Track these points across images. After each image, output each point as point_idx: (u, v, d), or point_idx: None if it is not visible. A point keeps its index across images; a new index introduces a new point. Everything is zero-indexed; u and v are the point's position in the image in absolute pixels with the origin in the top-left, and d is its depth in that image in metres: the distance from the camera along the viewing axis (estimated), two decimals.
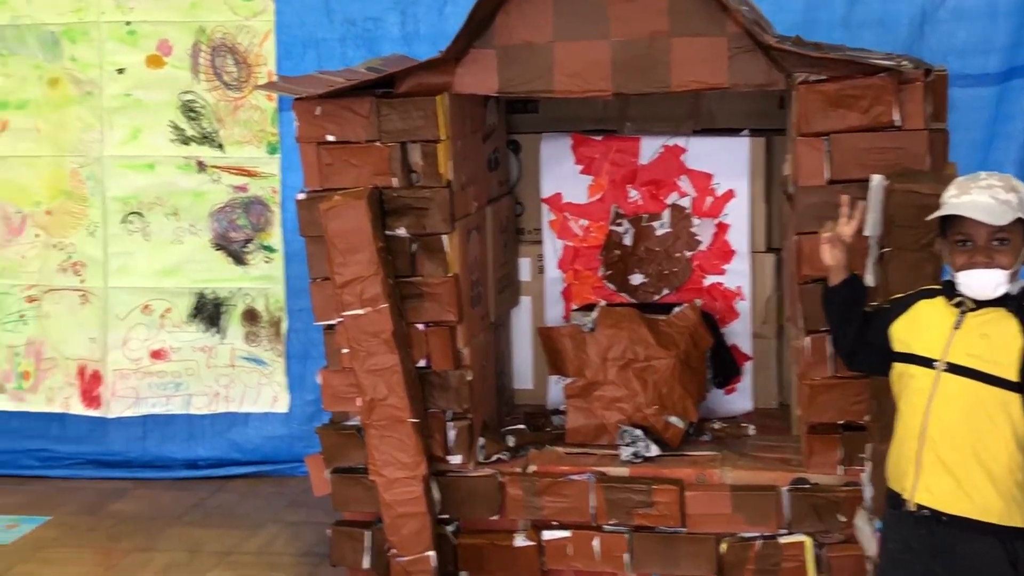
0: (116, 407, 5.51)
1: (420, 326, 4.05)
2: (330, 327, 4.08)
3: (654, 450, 4.11)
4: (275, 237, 5.39)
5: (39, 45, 5.38)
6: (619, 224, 4.63)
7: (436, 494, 4.05)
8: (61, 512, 5.15)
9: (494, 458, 4.17)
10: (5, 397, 5.63)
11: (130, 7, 5.31)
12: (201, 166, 5.38)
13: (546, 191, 4.70)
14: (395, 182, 4.00)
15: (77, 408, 5.56)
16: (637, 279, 4.64)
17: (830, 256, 3.26)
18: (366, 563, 4.13)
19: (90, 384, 5.53)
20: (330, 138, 4.03)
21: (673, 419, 4.20)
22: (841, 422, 3.89)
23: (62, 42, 5.36)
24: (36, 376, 5.59)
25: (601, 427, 4.24)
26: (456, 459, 4.11)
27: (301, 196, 4.09)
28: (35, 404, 5.60)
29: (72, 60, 5.37)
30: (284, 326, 5.43)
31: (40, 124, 5.44)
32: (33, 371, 5.60)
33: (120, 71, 5.34)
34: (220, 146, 5.35)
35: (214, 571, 4.53)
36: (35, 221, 5.51)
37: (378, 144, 4.00)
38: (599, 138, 4.64)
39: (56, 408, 5.58)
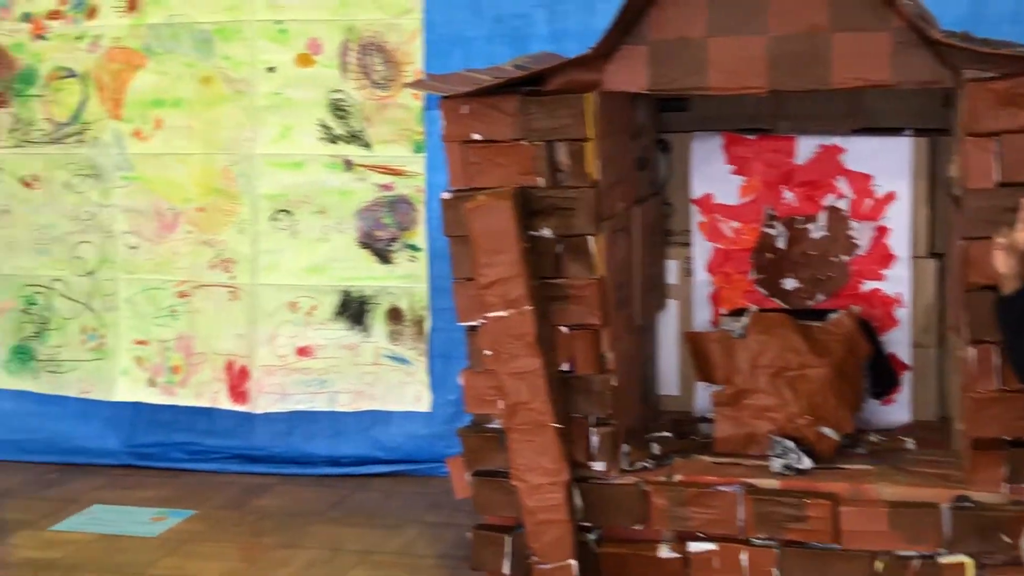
0: (263, 403, 5.56)
1: (564, 329, 3.97)
2: (473, 328, 4.03)
3: (806, 462, 3.95)
4: (420, 236, 5.37)
5: (192, 43, 5.46)
6: (772, 226, 4.48)
7: (578, 501, 3.96)
8: (207, 506, 5.22)
9: (638, 466, 4.07)
10: (156, 391, 5.73)
11: (281, 5, 5.35)
12: (348, 165, 5.39)
13: (696, 192, 4.57)
14: (541, 182, 3.92)
15: (225, 403, 5.63)
16: (790, 284, 4.48)
17: (1004, 263, 3.08)
18: (506, 569, 4.06)
19: (238, 379, 5.60)
20: (476, 137, 3.97)
21: (827, 430, 4.04)
22: (1008, 438, 3.68)
23: (215, 40, 5.43)
24: (186, 370, 5.68)
25: (751, 437, 4.10)
26: (599, 466, 4.01)
27: (446, 195, 4.04)
28: (184, 398, 5.69)
29: (224, 58, 5.43)
30: (427, 325, 5.41)
31: (193, 122, 5.52)
32: (183, 365, 5.69)
33: (271, 70, 5.39)
34: (367, 145, 5.36)
35: (355, 570, 4.52)
36: (187, 218, 5.60)
37: (524, 143, 3.92)
38: (752, 137, 4.49)
39: (205, 403, 5.66)
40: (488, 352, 3.92)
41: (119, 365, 5.76)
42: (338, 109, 5.36)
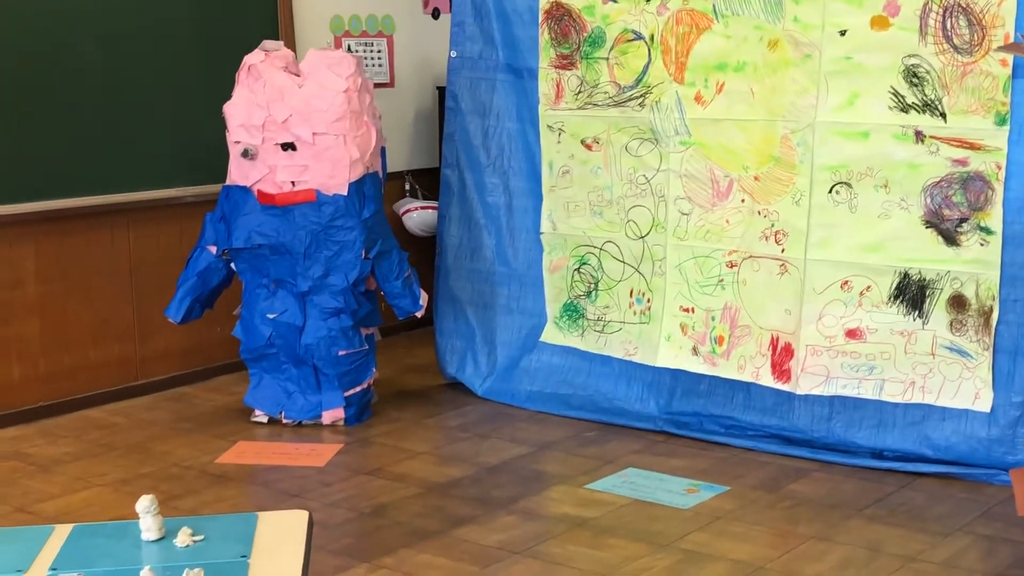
0: (805, 383, 5.31)
1: None
2: None
3: None
4: (994, 218, 4.85)
5: (762, 6, 5.26)
6: None
7: None
8: (740, 484, 5.05)
9: None
10: (698, 360, 5.64)
11: None
12: (919, 136, 4.96)
13: None
14: None
15: (767, 380, 5.43)
16: None
17: None
18: None
19: (781, 357, 5.38)
20: None
21: None
22: None
23: (785, 3, 5.20)
24: (729, 342, 5.55)
25: None
26: None
27: None
28: (726, 370, 5.56)
29: (794, 21, 5.18)
30: (995, 317, 4.89)
31: (755, 87, 5.33)
32: (727, 336, 5.55)
33: (842, 33, 5.07)
34: (942, 115, 4.90)
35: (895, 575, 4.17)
36: (742, 186, 5.44)
37: None
38: None
39: (745, 377, 5.50)
40: None
41: (663, 331, 5.74)
42: (913, 76, 4.95)
